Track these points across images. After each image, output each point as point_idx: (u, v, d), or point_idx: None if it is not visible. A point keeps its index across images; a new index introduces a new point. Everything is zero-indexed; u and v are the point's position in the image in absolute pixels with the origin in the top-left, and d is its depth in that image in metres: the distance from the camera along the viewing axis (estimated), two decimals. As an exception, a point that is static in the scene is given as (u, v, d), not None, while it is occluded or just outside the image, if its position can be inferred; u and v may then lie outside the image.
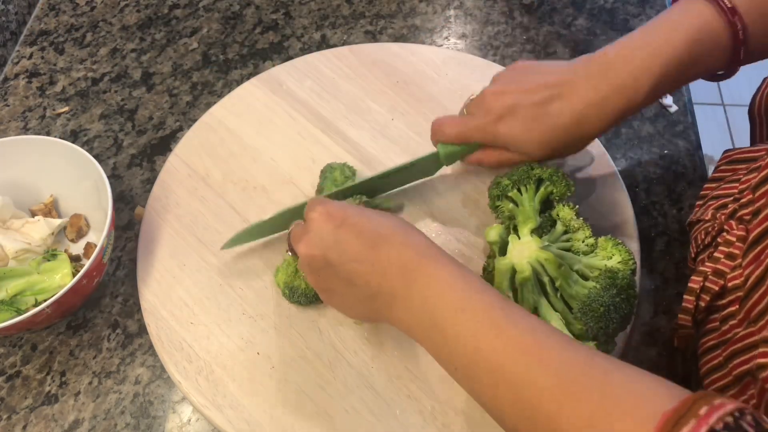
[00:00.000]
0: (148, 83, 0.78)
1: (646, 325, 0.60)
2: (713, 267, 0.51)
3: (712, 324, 0.51)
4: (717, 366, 0.50)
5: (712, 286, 0.51)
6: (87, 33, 0.84)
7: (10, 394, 0.58)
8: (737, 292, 0.49)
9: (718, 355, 0.50)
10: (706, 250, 0.55)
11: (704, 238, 0.56)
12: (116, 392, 0.58)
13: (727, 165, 0.60)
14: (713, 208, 0.56)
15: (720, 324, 0.50)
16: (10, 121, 0.76)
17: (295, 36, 0.82)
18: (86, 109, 0.76)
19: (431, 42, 0.81)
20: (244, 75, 0.79)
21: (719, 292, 0.50)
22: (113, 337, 0.61)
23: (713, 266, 0.51)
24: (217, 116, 0.72)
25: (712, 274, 0.51)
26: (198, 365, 0.57)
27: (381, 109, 0.72)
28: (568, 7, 0.84)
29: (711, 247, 0.54)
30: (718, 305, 0.51)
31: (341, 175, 0.64)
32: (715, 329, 0.51)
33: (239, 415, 0.54)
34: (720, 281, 0.50)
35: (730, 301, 0.50)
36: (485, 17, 0.83)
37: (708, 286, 0.51)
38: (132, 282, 0.63)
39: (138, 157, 0.72)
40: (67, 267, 0.61)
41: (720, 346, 0.50)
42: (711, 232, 0.55)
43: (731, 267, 0.50)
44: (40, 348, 0.61)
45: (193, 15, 0.85)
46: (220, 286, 0.61)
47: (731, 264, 0.50)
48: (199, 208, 0.66)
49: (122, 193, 0.70)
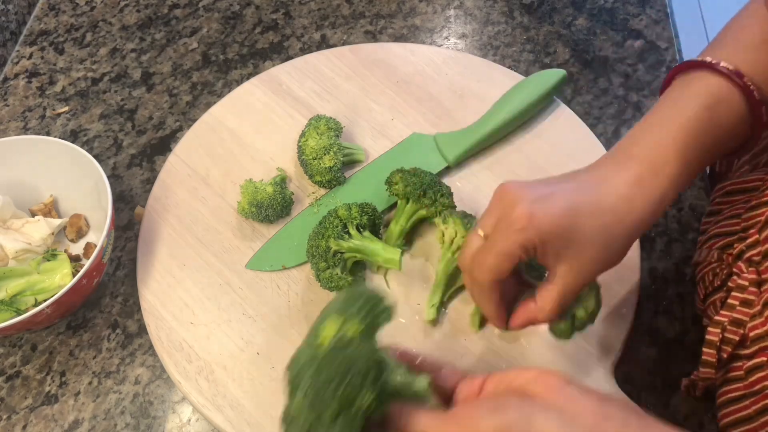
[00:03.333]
0: (148, 83, 0.78)
1: (646, 325, 0.60)
2: (730, 316, 0.49)
3: (736, 372, 0.49)
4: (745, 418, 0.48)
5: (732, 337, 0.49)
6: (87, 33, 0.84)
7: (10, 394, 0.58)
8: (761, 342, 0.47)
9: (746, 407, 0.48)
10: (716, 293, 0.53)
11: (712, 279, 0.54)
12: (116, 392, 0.58)
13: (723, 198, 0.59)
14: (718, 248, 0.55)
15: (746, 374, 0.48)
16: (10, 121, 0.76)
17: (295, 36, 0.82)
18: (86, 109, 0.76)
19: (431, 42, 0.81)
20: (244, 75, 0.79)
21: (741, 341, 0.49)
22: (113, 337, 0.61)
23: (730, 315, 0.49)
24: (217, 116, 0.72)
25: (730, 323, 0.49)
26: (198, 365, 0.57)
27: (381, 109, 0.72)
28: (568, 7, 0.84)
29: (722, 290, 0.52)
30: (741, 354, 0.49)
31: (325, 126, 0.65)
32: (739, 378, 0.49)
33: (239, 416, 0.54)
34: (740, 330, 0.48)
35: (754, 351, 0.48)
36: (485, 17, 0.83)
37: (728, 337, 0.49)
38: (132, 282, 0.63)
39: (138, 157, 0.72)
40: (67, 267, 0.61)
41: (747, 398, 0.48)
42: (720, 275, 0.53)
43: (750, 315, 0.48)
44: (40, 348, 0.61)
45: (193, 15, 0.85)
46: (220, 286, 0.61)
47: (749, 312, 0.48)
48: (199, 208, 0.66)
49: (122, 193, 0.70)
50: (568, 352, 0.57)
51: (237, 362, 0.57)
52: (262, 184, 0.64)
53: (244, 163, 0.69)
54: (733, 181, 0.59)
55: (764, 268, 0.48)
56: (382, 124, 0.71)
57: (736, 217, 0.55)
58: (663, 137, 0.46)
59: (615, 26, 0.82)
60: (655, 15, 0.82)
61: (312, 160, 0.65)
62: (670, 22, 0.82)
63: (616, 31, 0.81)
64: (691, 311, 0.60)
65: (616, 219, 0.44)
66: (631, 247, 0.46)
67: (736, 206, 0.56)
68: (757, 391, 0.47)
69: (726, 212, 0.57)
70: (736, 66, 0.47)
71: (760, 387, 0.47)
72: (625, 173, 0.45)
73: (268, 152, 0.70)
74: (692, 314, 0.60)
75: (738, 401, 0.49)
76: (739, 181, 0.58)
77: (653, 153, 0.46)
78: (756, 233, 0.50)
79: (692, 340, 0.59)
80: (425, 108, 0.72)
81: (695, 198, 0.68)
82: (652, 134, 0.47)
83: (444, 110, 0.72)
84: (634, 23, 0.82)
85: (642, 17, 0.82)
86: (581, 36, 0.81)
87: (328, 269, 0.57)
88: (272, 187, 0.64)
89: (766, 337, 0.47)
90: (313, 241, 0.59)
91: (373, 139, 0.70)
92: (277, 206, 0.63)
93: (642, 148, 0.47)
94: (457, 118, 0.71)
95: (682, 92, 0.48)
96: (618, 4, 0.84)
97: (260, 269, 0.62)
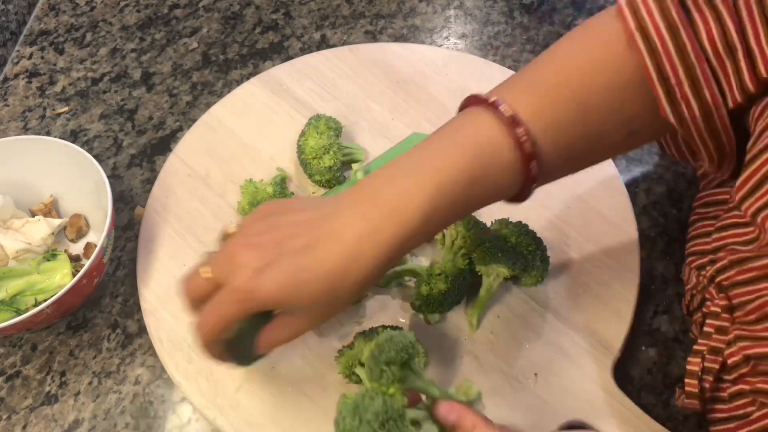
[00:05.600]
0: (148, 83, 0.78)
1: (646, 325, 0.60)
2: (707, 345, 0.49)
3: (721, 393, 0.50)
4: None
5: (712, 366, 0.49)
6: (87, 33, 0.84)
7: (10, 394, 0.58)
8: (740, 370, 0.47)
9: (734, 429, 0.48)
10: (696, 312, 0.54)
11: (690, 301, 0.55)
12: (116, 392, 0.58)
13: (702, 208, 0.59)
14: (694, 268, 0.56)
15: (729, 398, 0.49)
16: (10, 121, 0.76)
17: (295, 36, 0.82)
18: (86, 109, 0.76)
19: (431, 42, 0.81)
20: (244, 75, 0.79)
21: (721, 368, 0.49)
22: (113, 337, 0.61)
23: (707, 343, 0.49)
24: (217, 116, 0.72)
25: (709, 352, 0.49)
26: (198, 365, 0.57)
27: (381, 109, 0.72)
28: (568, 7, 0.84)
29: (699, 311, 0.53)
30: (725, 379, 0.49)
31: (325, 126, 0.65)
32: (723, 400, 0.49)
33: (239, 416, 0.54)
34: (718, 358, 0.49)
35: (735, 378, 0.48)
36: (485, 17, 0.83)
37: (708, 366, 0.49)
38: (132, 282, 0.63)
39: (138, 157, 0.72)
40: (67, 267, 0.61)
41: (732, 420, 0.48)
42: (696, 297, 0.54)
43: (725, 342, 0.48)
44: (40, 348, 0.61)
45: (193, 15, 0.85)
46: (220, 286, 0.61)
47: (725, 338, 0.48)
48: (199, 208, 0.66)
49: (122, 193, 0.70)
50: (568, 352, 0.57)
51: (237, 362, 0.57)
52: (262, 184, 0.64)
53: (244, 163, 0.69)
54: (710, 192, 0.59)
55: (733, 294, 0.48)
56: (382, 124, 0.71)
57: (707, 236, 0.55)
58: (412, 184, 0.43)
59: (615, 26, 0.82)
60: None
61: (312, 159, 0.65)
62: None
63: (616, 31, 0.81)
64: (691, 311, 0.60)
65: (339, 278, 0.42)
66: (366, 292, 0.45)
67: (708, 221, 0.56)
68: (741, 416, 0.48)
69: (700, 226, 0.58)
70: (517, 111, 0.43)
71: (743, 413, 0.47)
72: (361, 224, 0.42)
73: (268, 152, 0.70)
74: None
75: (725, 422, 0.49)
76: (716, 192, 0.58)
77: (400, 200, 0.42)
78: (726, 256, 0.49)
79: (692, 340, 0.59)
80: (425, 108, 0.72)
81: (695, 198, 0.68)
82: (403, 178, 0.44)
83: (444, 110, 0.72)
84: (634, 23, 0.82)
85: (642, 17, 0.82)
86: (581, 36, 0.81)
87: None
88: (272, 187, 0.64)
89: (743, 365, 0.47)
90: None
91: (373, 139, 0.70)
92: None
93: (391, 191, 0.43)
94: (457, 118, 0.71)
95: (456, 132, 0.45)
96: (618, 4, 0.84)
97: None
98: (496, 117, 0.44)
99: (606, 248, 0.62)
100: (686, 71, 0.42)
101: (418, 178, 0.43)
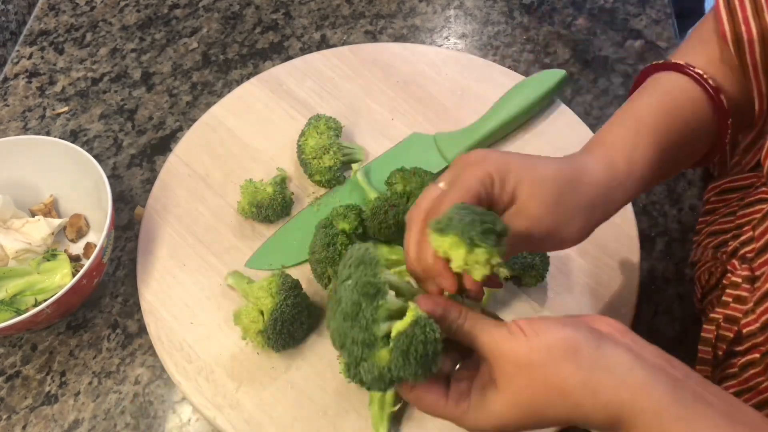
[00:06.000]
0: (148, 83, 0.78)
1: (646, 325, 0.60)
2: (724, 313, 0.49)
3: (731, 369, 0.50)
4: None
5: (726, 334, 0.49)
6: (87, 33, 0.84)
7: (10, 394, 0.58)
8: (754, 339, 0.47)
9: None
10: (712, 292, 0.54)
11: (708, 279, 0.54)
12: (116, 392, 0.58)
13: (717, 196, 0.59)
14: (712, 247, 0.55)
15: (740, 371, 0.49)
16: (10, 121, 0.76)
17: (295, 36, 0.82)
18: (86, 109, 0.76)
19: (431, 42, 0.81)
20: (244, 75, 0.79)
21: (735, 338, 0.49)
22: (113, 337, 0.61)
23: (723, 312, 0.49)
24: (217, 116, 0.72)
25: (724, 320, 0.49)
26: (198, 365, 0.57)
27: (381, 109, 0.72)
28: (568, 7, 0.84)
29: (717, 289, 0.53)
30: (737, 351, 0.49)
31: (325, 125, 0.65)
32: (734, 375, 0.49)
33: (239, 415, 0.54)
34: (734, 327, 0.49)
35: (747, 348, 0.48)
36: (485, 17, 0.83)
37: (723, 334, 0.49)
38: (132, 282, 0.63)
39: (138, 157, 0.72)
40: (67, 267, 0.61)
41: (743, 394, 0.48)
42: (715, 273, 0.53)
43: (743, 311, 0.48)
44: (40, 348, 0.61)
45: (193, 15, 0.85)
46: (220, 286, 0.61)
47: (742, 308, 0.48)
48: (199, 208, 0.66)
49: (122, 193, 0.70)
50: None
51: (237, 362, 0.57)
52: (262, 184, 0.64)
53: (244, 163, 0.69)
54: (727, 179, 0.59)
55: (757, 264, 0.48)
56: (382, 124, 0.71)
57: (731, 215, 0.55)
58: (633, 125, 0.47)
59: (615, 26, 0.82)
60: (655, 15, 0.82)
61: (312, 159, 0.65)
62: (670, 22, 0.82)
63: (616, 31, 0.81)
64: (690, 311, 0.60)
65: (571, 173, 0.43)
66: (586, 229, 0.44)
67: (731, 204, 0.56)
68: (750, 388, 0.48)
69: (721, 210, 0.58)
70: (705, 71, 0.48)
71: (754, 383, 0.47)
72: (594, 155, 0.45)
73: (268, 152, 0.70)
74: (692, 314, 0.60)
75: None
76: (734, 179, 0.58)
77: (624, 139, 0.46)
78: (750, 230, 0.50)
79: (692, 340, 0.58)
80: (425, 108, 0.72)
81: (695, 198, 0.68)
82: (623, 125, 0.47)
83: (444, 110, 0.72)
84: (634, 23, 0.82)
85: (642, 17, 0.82)
86: (581, 36, 0.81)
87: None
88: (272, 187, 0.64)
89: (758, 334, 0.47)
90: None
91: (373, 139, 0.70)
92: (277, 206, 0.63)
93: (614, 135, 0.47)
94: (457, 118, 0.71)
95: (654, 89, 0.49)
96: (618, 4, 0.84)
97: (260, 268, 0.62)
98: (688, 76, 0.48)
99: (606, 248, 0.62)
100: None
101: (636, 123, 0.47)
